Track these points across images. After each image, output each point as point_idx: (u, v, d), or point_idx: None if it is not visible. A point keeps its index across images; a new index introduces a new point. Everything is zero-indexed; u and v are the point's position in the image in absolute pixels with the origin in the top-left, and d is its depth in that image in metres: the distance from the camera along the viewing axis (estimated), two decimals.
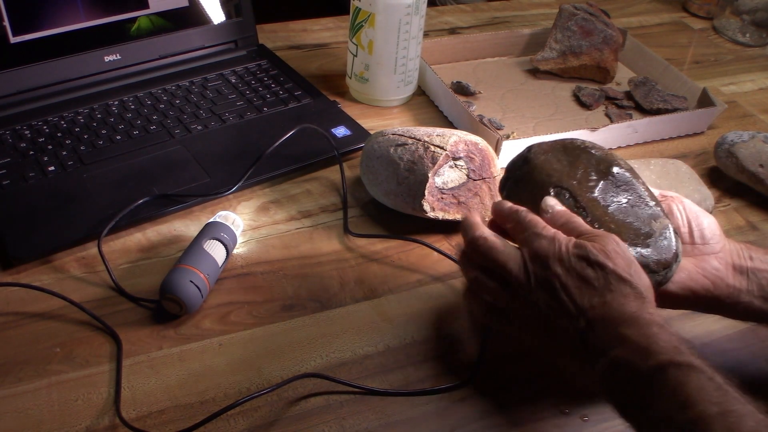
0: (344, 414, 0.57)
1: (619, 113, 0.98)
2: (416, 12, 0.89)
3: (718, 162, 0.88)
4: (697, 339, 0.67)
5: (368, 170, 0.76)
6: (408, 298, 0.68)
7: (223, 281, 0.68)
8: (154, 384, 0.58)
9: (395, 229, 0.76)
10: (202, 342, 0.62)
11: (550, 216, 0.57)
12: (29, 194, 0.74)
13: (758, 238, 0.80)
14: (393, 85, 0.94)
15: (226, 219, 0.70)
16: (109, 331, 0.62)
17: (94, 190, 0.75)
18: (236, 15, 0.98)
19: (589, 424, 0.58)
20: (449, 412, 0.58)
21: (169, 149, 0.82)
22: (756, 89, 1.11)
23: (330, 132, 0.86)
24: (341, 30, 1.14)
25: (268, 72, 0.97)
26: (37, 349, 0.60)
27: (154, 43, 0.93)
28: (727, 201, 0.86)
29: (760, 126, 1.01)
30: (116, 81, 0.91)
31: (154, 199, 0.74)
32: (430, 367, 0.62)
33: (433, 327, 0.66)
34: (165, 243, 0.72)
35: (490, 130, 0.85)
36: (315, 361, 0.61)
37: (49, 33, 0.85)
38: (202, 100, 0.90)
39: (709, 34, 1.27)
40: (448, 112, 0.95)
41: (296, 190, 0.80)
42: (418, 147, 0.72)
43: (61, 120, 0.84)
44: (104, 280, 0.67)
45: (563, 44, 1.04)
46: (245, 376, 0.59)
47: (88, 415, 0.55)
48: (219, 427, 0.55)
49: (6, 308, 0.64)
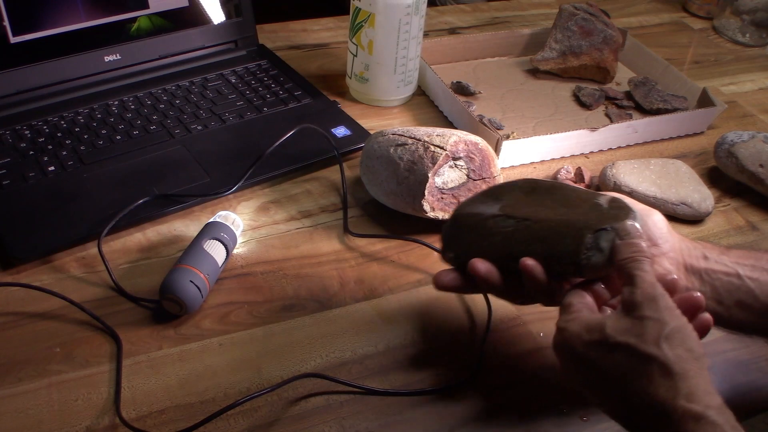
0: (344, 414, 0.57)
1: (619, 113, 0.98)
2: (416, 12, 0.89)
3: (718, 162, 0.88)
4: None
5: (368, 170, 0.76)
6: (408, 298, 0.68)
7: (223, 281, 0.68)
8: (154, 384, 0.58)
9: (395, 229, 0.76)
10: (202, 342, 0.62)
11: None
12: (29, 194, 0.74)
13: (758, 238, 0.80)
14: (393, 85, 0.94)
15: (226, 219, 0.70)
16: (109, 331, 0.62)
17: (94, 190, 0.75)
18: (236, 15, 0.98)
19: (588, 424, 0.58)
20: (449, 412, 0.58)
21: (169, 149, 0.82)
22: (756, 89, 1.11)
23: (330, 132, 0.86)
24: (341, 30, 1.14)
25: (268, 72, 0.97)
26: (37, 349, 0.60)
27: (154, 43, 0.93)
28: (727, 201, 0.86)
29: (760, 126, 1.01)
30: (116, 81, 0.91)
31: (154, 199, 0.74)
32: (430, 367, 0.62)
33: (433, 327, 0.66)
34: (165, 243, 0.72)
35: (490, 130, 0.85)
36: (315, 361, 0.61)
37: (49, 33, 0.85)
38: (202, 100, 0.90)
39: (709, 34, 1.27)
40: (448, 112, 0.95)
41: (296, 190, 0.80)
42: (418, 147, 0.72)
43: (61, 120, 0.84)
44: (104, 280, 0.67)
45: (563, 44, 1.04)
46: (245, 376, 0.59)
47: (88, 415, 0.55)
48: (219, 427, 0.55)
49: (6, 308, 0.64)
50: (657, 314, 0.46)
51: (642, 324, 0.46)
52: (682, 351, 0.45)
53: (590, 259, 0.51)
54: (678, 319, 0.47)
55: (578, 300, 0.51)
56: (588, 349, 0.47)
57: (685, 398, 0.43)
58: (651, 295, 0.47)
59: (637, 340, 0.46)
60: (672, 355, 0.45)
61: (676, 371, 0.44)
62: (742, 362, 0.65)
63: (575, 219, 0.53)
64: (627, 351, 0.46)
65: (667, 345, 0.45)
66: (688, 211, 0.80)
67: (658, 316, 0.46)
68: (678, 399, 0.43)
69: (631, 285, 0.48)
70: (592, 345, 0.47)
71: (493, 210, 0.58)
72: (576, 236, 0.52)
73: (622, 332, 0.46)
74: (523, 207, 0.57)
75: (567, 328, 0.49)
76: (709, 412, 0.43)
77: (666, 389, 0.44)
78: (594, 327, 0.48)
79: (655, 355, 0.45)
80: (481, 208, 0.59)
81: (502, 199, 0.59)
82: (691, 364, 0.45)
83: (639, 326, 0.46)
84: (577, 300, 0.51)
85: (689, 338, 0.46)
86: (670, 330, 0.46)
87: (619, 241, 0.51)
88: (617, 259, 0.50)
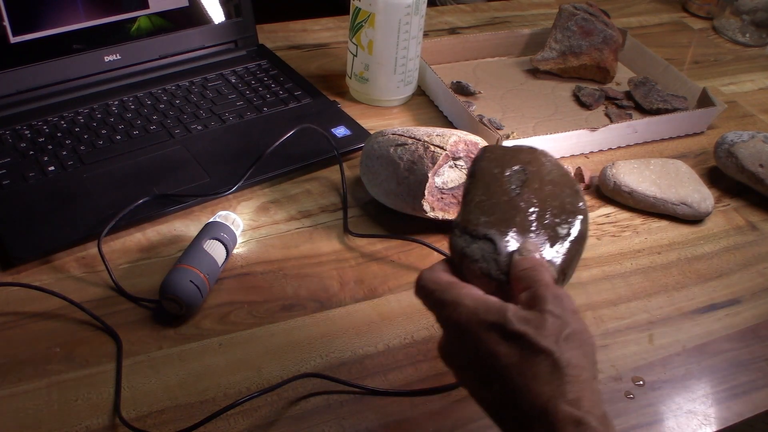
0: (344, 414, 0.57)
1: (619, 113, 0.98)
2: (416, 12, 0.89)
3: (718, 162, 0.88)
4: (697, 339, 0.67)
5: (368, 170, 0.76)
6: (408, 298, 0.68)
7: (223, 281, 0.68)
8: (154, 384, 0.58)
9: (395, 229, 0.76)
10: (202, 342, 0.62)
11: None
12: (29, 194, 0.74)
13: (758, 238, 0.80)
14: (393, 85, 0.94)
15: (226, 219, 0.70)
16: (109, 331, 0.62)
17: (94, 190, 0.75)
18: (236, 15, 0.98)
19: None
20: (449, 412, 0.58)
21: (169, 149, 0.82)
22: (756, 89, 1.11)
23: (330, 132, 0.86)
24: (341, 30, 1.14)
25: (268, 72, 0.97)
26: (37, 349, 0.60)
27: (154, 43, 0.93)
28: (727, 201, 0.86)
29: (760, 126, 1.01)
30: (116, 81, 0.91)
31: (154, 199, 0.74)
32: (430, 367, 0.62)
33: (433, 327, 0.66)
34: (165, 243, 0.72)
35: (490, 130, 0.85)
36: (315, 361, 0.61)
37: (49, 33, 0.85)
38: (202, 100, 0.90)
39: (709, 34, 1.27)
40: (448, 112, 0.95)
41: (296, 190, 0.80)
42: (418, 147, 0.72)
43: (61, 120, 0.84)
44: (104, 280, 0.67)
45: (563, 44, 1.04)
46: (245, 376, 0.59)
47: (88, 415, 0.55)
48: (219, 427, 0.55)
49: (6, 308, 0.64)
50: (560, 312, 0.44)
51: (543, 317, 0.44)
52: (578, 355, 0.43)
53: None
54: (580, 323, 0.45)
55: (447, 275, 0.49)
56: (481, 329, 0.44)
57: (570, 403, 0.41)
58: (556, 294, 0.45)
59: (535, 332, 0.43)
60: (567, 356, 0.42)
61: (567, 373, 0.42)
62: (742, 362, 0.65)
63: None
64: (522, 341, 0.43)
65: (565, 345, 0.43)
66: (688, 211, 0.80)
67: (561, 314, 0.44)
68: (562, 402, 0.41)
69: (535, 286, 0.46)
70: (486, 325, 0.44)
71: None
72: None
73: (522, 320, 0.44)
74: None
75: (462, 302, 0.46)
76: (590, 418, 0.40)
77: (552, 389, 0.42)
78: (493, 308, 0.45)
79: (550, 350, 0.42)
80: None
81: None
82: (584, 372, 0.43)
83: (540, 319, 0.44)
84: (447, 275, 0.49)
85: (587, 345, 0.44)
86: (571, 331, 0.44)
87: (519, 256, 0.49)
88: (516, 270, 0.48)
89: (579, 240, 0.53)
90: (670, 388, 0.62)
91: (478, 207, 0.52)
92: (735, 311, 0.71)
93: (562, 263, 0.51)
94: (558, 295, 0.45)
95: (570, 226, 0.53)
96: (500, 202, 0.52)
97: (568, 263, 0.52)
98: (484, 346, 0.44)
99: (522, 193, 0.53)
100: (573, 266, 0.53)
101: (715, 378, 0.64)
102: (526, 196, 0.53)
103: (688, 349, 0.66)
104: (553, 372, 0.42)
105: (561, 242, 0.52)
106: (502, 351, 0.43)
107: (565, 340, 0.43)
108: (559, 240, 0.52)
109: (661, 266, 0.75)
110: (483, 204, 0.52)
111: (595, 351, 0.45)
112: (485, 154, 0.56)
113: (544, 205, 0.53)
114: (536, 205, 0.53)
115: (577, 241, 0.52)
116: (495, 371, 0.44)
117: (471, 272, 0.49)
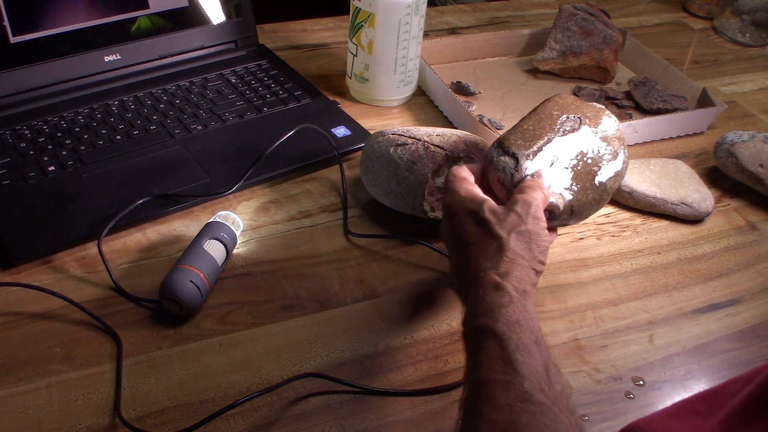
0: (344, 414, 0.57)
1: (619, 113, 0.98)
2: (416, 12, 0.89)
3: (718, 162, 0.88)
4: (697, 338, 0.67)
5: (368, 170, 0.76)
6: (408, 298, 0.68)
7: (223, 281, 0.68)
8: (154, 384, 0.58)
9: (395, 229, 0.76)
10: (202, 342, 0.62)
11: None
12: (29, 194, 0.74)
13: (758, 238, 0.80)
14: (393, 85, 0.94)
15: (226, 219, 0.70)
16: (109, 331, 0.62)
17: (94, 190, 0.75)
18: (236, 15, 0.98)
19: (588, 424, 0.58)
20: (449, 412, 0.58)
21: (169, 149, 0.82)
22: (756, 89, 1.11)
23: (330, 132, 0.86)
24: (341, 30, 1.14)
25: (268, 72, 0.97)
26: (37, 349, 0.60)
27: (154, 43, 0.93)
28: (727, 201, 0.86)
29: (760, 126, 1.01)
30: (116, 81, 0.91)
31: (154, 199, 0.74)
32: (430, 367, 0.62)
33: (433, 327, 0.66)
34: (165, 243, 0.72)
35: (490, 130, 0.85)
36: (315, 361, 0.61)
37: (49, 33, 0.85)
38: (202, 100, 0.90)
39: (709, 34, 1.27)
40: (448, 112, 0.95)
41: (296, 190, 0.80)
42: (418, 147, 0.72)
43: (61, 120, 0.84)
44: (104, 280, 0.67)
45: (563, 44, 1.04)
46: (245, 376, 0.59)
47: (88, 415, 0.55)
48: (219, 427, 0.55)
49: (6, 308, 0.64)
50: (523, 213, 0.55)
51: (507, 214, 0.55)
52: (522, 248, 0.54)
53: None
54: (537, 227, 0.55)
55: (465, 173, 0.61)
56: (464, 214, 0.57)
57: (499, 274, 0.51)
58: (527, 201, 0.56)
59: (496, 221, 0.55)
60: (512, 244, 0.53)
61: (506, 256, 0.53)
62: (742, 362, 0.65)
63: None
64: (485, 226, 0.55)
65: (515, 236, 0.54)
66: (688, 211, 0.80)
67: (522, 215, 0.55)
68: (492, 272, 0.52)
69: (519, 193, 0.57)
70: (467, 211, 0.57)
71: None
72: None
73: (491, 212, 0.56)
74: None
75: (458, 191, 0.58)
76: (509, 287, 0.50)
77: (491, 263, 0.53)
78: (476, 199, 0.57)
79: (500, 236, 0.54)
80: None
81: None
82: (522, 260, 0.53)
83: (504, 214, 0.55)
84: (465, 172, 0.61)
85: (535, 244, 0.54)
86: (525, 229, 0.54)
87: (530, 178, 0.60)
88: (521, 185, 0.59)
89: (598, 189, 0.63)
90: (670, 388, 0.62)
91: (521, 132, 0.63)
92: (735, 311, 0.71)
93: (573, 200, 0.62)
94: (527, 201, 0.56)
95: (595, 176, 0.62)
96: (541, 135, 0.62)
97: (580, 203, 0.62)
98: (461, 225, 0.57)
99: (566, 135, 0.63)
100: (586, 210, 0.63)
101: (715, 378, 0.64)
102: (568, 139, 0.62)
103: (688, 349, 0.66)
104: (496, 252, 0.53)
105: (580, 184, 0.62)
106: (471, 230, 0.56)
107: (516, 234, 0.54)
108: (579, 182, 0.62)
109: (661, 266, 0.75)
110: (527, 132, 0.63)
111: (544, 253, 0.55)
112: (555, 98, 0.66)
113: (581, 151, 0.62)
114: (573, 149, 0.62)
115: (594, 190, 0.63)
116: (463, 244, 0.56)
117: (491, 177, 0.62)
